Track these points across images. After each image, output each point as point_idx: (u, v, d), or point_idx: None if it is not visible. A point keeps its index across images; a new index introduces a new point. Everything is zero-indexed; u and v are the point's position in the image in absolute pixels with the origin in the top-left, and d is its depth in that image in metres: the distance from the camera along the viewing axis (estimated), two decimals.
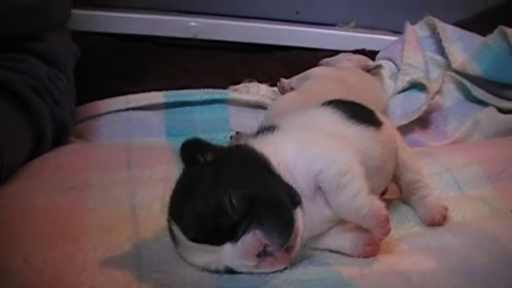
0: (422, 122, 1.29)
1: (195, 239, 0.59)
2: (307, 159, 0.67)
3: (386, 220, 0.65)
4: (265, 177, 0.64)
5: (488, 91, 1.34)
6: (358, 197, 0.65)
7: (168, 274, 0.60)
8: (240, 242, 0.58)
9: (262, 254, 0.59)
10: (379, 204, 0.66)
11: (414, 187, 0.84)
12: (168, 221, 0.64)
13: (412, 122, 1.25)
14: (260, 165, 0.65)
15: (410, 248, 0.71)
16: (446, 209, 0.81)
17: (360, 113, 0.78)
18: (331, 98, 0.85)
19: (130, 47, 1.42)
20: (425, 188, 0.85)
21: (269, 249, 0.59)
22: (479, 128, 1.26)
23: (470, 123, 1.26)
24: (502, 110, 1.30)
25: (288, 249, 0.60)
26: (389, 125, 0.85)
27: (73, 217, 0.72)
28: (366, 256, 0.66)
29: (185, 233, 0.60)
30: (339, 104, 0.79)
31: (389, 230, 0.65)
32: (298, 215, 0.62)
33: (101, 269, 0.60)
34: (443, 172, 0.98)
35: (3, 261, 0.60)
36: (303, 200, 0.65)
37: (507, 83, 1.31)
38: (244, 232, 0.58)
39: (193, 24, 1.49)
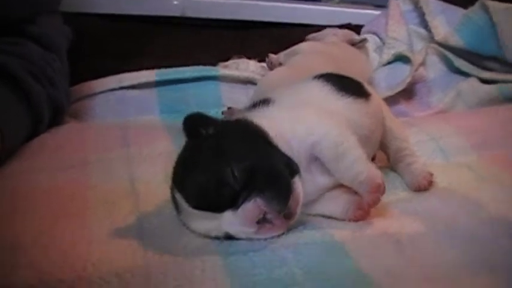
0: (407, 93, 1.33)
1: (197, 207, 0.62)
2: (303, 132, 0.70)
3: (380, 187, 0.69)
4: (264, 148, 0.67)
5: (470, 62, 1.39)
6: (358, 163, 0.70)
7: (171, 242, 0.64)
8: (240, 209, 0.61)
9: (262, 221, 0.62)
10: (375, 172, 0.70)
11: (401, 155, 0.88)
12: (171, 189, 0.67)
13: (397, 93, 1.30)
14: (259, 137, 0.68)
15: (399, 213, 0.75)
16: (432, 175, 0.85)
17: (349, 86, 0.82)
18: (319, 71, 0.88)
19: (120, 28, 1.42)
20: (412, 155, 0.88)
21: (268, 216, 0.62)
22: (462, 98, 1.31)
23: (453, 94, 1.31)
24: (484, 81, 1.34)
25: (287, 216, 0.64)
26: (377, 96, 0.89)
27: (76, 194, 0.75)
28: (357, 220, 0.70)
29: (188, 201, 0.63)
30: (329, 78, 0.82)
31: (378, 199, 0.69)
32: (297, 183, 0.65)
33: (108, 240, 0.64)
34: (429, 141, 1.02)
35: (13, 238, 0.63)
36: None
37: (489, 55, 1.35)
38: (244, 200, 0.61)
39: (180, 2, 1.50)
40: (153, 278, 0.57)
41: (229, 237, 0.64)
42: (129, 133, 0.95)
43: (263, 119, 0.72)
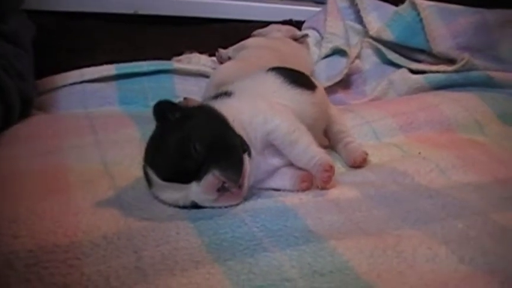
0: (344, 83, 1.47)
1: (166, 179, 0.72)
2: (260, 121, 0.81)
3: (331, 168, 0.81)
4: (222, 129, 0.77)
5: (401, 55, 1.54)
6: (310, 148, 0.82)
7: (147, 211, 0.73)
8: (202, 180, 0.71)
9: (222, 190, 0.73)
10: (326, 156, 0.82)
11: (340, 136, 1.00)
12: (144, 166, 0.76)
13: (335, 83, 1.43)
14: (218, 121, 0.78)
15: (339, 183, 0.86)
16: (366, 154, 0.98)
17: (298, 78, 0.93)
18: (266, 65, 0.99)
19: (76, 25, 1.48)
20: (349, 137, 1.01)
21: (226, 185, 0.72)
22: (393, 87, 1.45)
23: (385, 83, 1.45)
24: (413, 71, 1.48)
25: (240, 187, 0.74)
26: (321, 88, 1.00)
27: (58, 175, 0.82)
28: (303, 190, 0.82)
29: (158, 175, 0.73)
30: (281, 71, 0.93)
31: (330, 178, 0.81)
32: (246, 159, 0.76)
33: (92, 211, 0.72)
34: (364, 124, 1.15)
35: (10, 212, 0.69)
36: (253, 152, 0.79)
37: (417, 47, 1.51)
38: (206, 172, 0.71)
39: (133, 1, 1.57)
40: (135, 239, 0.65)
41: (195, 206, 0.74)
42: (95, 122, 1.03)
43: (224, 106, 0.82)
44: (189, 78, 1.36)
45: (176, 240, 0.66)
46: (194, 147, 0.72)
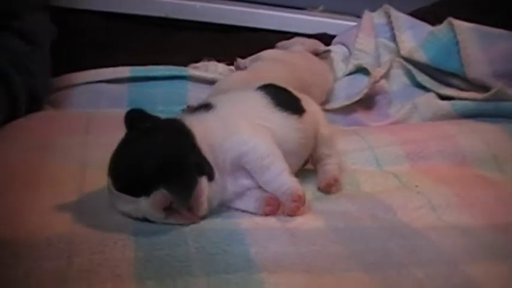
0: (367, 103, 1.42)
1: (118, 189, 0.73)
2: (233, 142, 0.79)
3: (300, 198, 0.78)
4: (184, 148, 0.76)
5: (432, 77, 1.46)
6: (281, 176, 0.80)
7: (98, 219, 0.74)
8: (151, 196, 0.71)
9: (170, 209, 0.72)
10: (297, 185, 0.79)
11: (321, 158, 0.96)
12: (107, 174, 0.77)
13: (356, 103, 1.38)
14: (183, 139, 0.77)
15: (310, 210, 0.82)
16: (335, 180, 0.93)
17: (286, 101, 0.89)
18: (275, 78, 0.97)
19: (106, 25, 1.54)
20: (331, 158, 0.96)
21: (174, 205, 0.72)
22: (418, 112, 1.38)
23: (409, 107, 1.38)
24: (441, 97, 1.41)
25: (190, 209, 0.73)
26: (312, 112, 0.95)
27: (33, 172, 0.85)
28: (267, 214, 0.79)
29: (113, 185, 0.73)
30: (270, 90, 0.90)
31: (298, 208, 0.78)
32: (203, 182, 0.74)
33: (49, 211, 0.74)
34: (366, 149, 1.09)
35: None
36: (220, 174, 0.78)
37: (450, 71, 1.42)
38: (155, 189, 0.71)
39: (165, 4, 1.60)
40: (74, 244, 0.66)
41: (146, 219, 0.74)
42: (91, 122, 1.06)
43: (197, 123, 0.80)
44: (203, 85, 1.37)
45: (111, 250, 0.66)
46: (148, 162, 0.72)
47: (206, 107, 0.86)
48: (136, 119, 0.79)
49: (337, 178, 0.93)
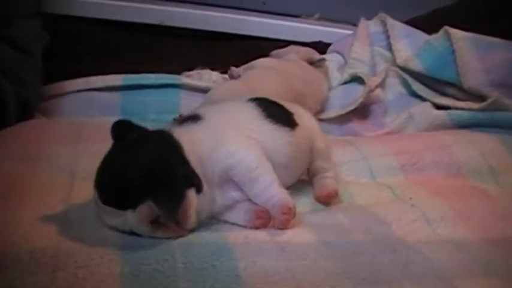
0: (362, 113, 1.39)
1: (104, 202, 0.71)
2: (221, 155, 0.78)
3: (290, 211, 0.77)
4: (171, 160, 0.74)
5: (428, 87, 1.44)
6: (270, 188, 0.78)
7: (84, 232, 0.72)
8: (137, 209, 0.70)
9: (157, 223, 0.71)
10: (286, 197, 0.78)
11: (317, 171, 0.95)
12: (93, 186, 0.75)
13: (351, 112, 1.36)
14: (171, 151, 0.75)
15: (301, 223, 0.80)
16: (336, 192, 0.91)
17: (277, 114, 0.88)
18: (268, 88, 0.96)
19: (100, 32, 1.53)
20: (328, 172, 0.95)
21: (161, 219, 0.70)
22: (413, 121, 1.36)
23: (404, 117, 1.36)
24: (437, 106, 1.39)
25: (178, 223, 0.72)
26: (306, 126, 0.93)
27: (21, 182, 0.84)
28: (257, 228, 0.78)
29: (100, 197, 0.72)
30: (261, 103, 0.89)
31: (288, 221, 0.77)
32: (190, 195, 0.73)
33: (34, 223, 0.72)
34: (360, 160, 1.07)
35: None
36: (208, 186, 0.77)
37: (446, 81, 1.41)
38: (142, 202, 0.69)
39: (160, 11, 1.59)
40: (58, 258, 0.65)
41: (133, 232, 0.72)
42: (83, 131, 1.05)
43: (185, 134, 0.79)
44: (196, 94, 1.35)
45: (97, 265, 0.65)
46: (135, 175, 0.70)
47: (195, 118, 0.84)
48: (123, 129, 0.78)
49: (337, 191, 0.92)
